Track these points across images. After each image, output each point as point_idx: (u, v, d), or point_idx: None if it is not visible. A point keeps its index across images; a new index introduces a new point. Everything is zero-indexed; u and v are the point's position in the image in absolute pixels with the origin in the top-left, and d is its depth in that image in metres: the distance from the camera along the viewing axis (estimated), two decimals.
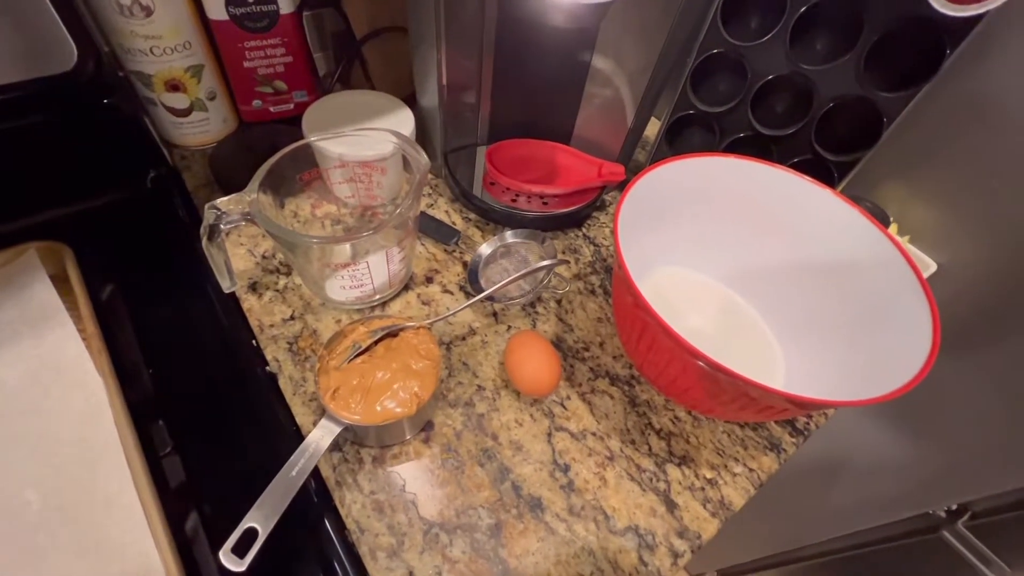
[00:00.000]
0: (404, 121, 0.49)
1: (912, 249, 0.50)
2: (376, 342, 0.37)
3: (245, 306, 0.44)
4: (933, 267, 0.49)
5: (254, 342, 0.43)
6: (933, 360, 0.30)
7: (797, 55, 0.41)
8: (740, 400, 0.33)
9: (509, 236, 0.46)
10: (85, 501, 0.32)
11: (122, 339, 0.42)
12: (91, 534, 0.31)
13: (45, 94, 0.39)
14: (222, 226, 0.36)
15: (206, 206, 0.36)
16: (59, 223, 0.44)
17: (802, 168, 0.45)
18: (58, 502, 0.32)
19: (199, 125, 0.54)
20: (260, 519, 0.29)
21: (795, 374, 0.41)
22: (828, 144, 0.44)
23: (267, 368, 0.41)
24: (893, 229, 0.50)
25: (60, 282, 0.40)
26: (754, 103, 0.45)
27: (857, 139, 0.42)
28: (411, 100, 0.53)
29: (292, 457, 0.31)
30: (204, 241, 0.36)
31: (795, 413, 0.40)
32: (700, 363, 0.29)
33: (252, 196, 0.37)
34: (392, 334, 0.38)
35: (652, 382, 0.41)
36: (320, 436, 0.33)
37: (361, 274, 0.41)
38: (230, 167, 0.53)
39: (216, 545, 0.29)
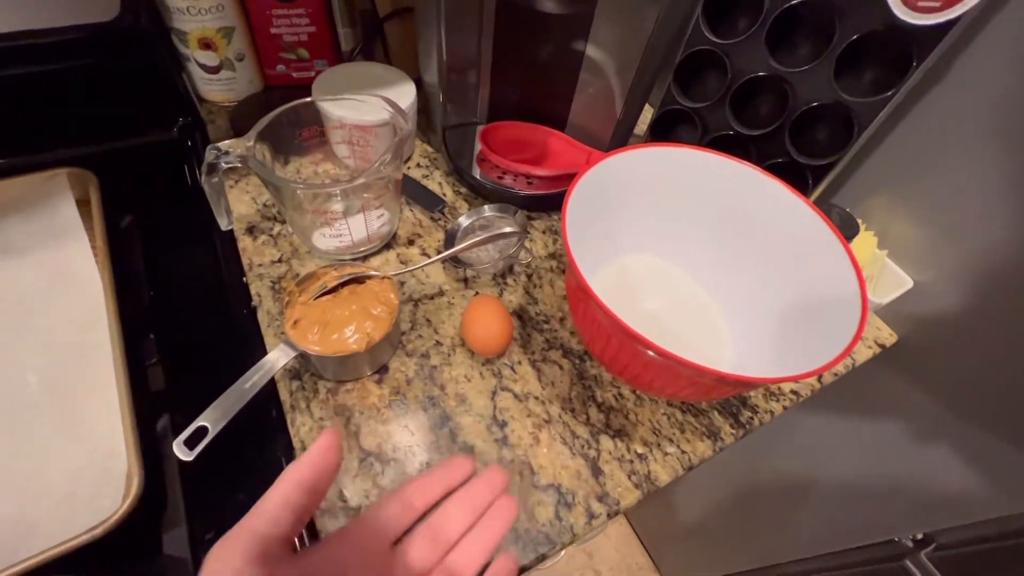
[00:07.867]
0: (405, 93, 0.53)
1: (890, 264, 0.50)
2: (342, 285, 0.41)
3: (240, 246, 0.48)
4: (909, 284, 0.49)
5: (244, 280, 0.47)
6: (853, 346, 0.30)
7: (775, 56, 0.42)
8: (666, 375, 0.35)
9: (487, 210, 0.49)
10: (73, 390, 0.37)
11: (130, 261, 0.47)
12: (73, 417, 0.36)
13: (87, 40, 0.45)
14: (221, 164, 0.40)
15: (208, 147, 0.40)
16: (92, 156, 0.49)
17: (778, 170, 0.46)
18: (51, 387, 0.37)
19: (227, 83, 0.59)
20: (212, 419, 0.33)
21: (743, 359, 0.42)
22: (806, 149, 0.45)
23: (251, 303, 0.46)
24: (872, 243, 0.49)
25: (84, 205, 0.45)
26: (738, 103, 0.46)
27: (833, 145, 0.43)
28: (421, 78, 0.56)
29: (248, 372, 0.35)
30: (203, 177, 0.41)
31: (725, 392, 0.41)
32: (631, 339, 0.30)
33: (250, 143, 0.41)
34: (359, 280, 0.41)
35: (598, 359, 0.43)
36: (276, 358, 0.36)
37: (341, 226, 0.45)
38: (249, 124, 0.58)
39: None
